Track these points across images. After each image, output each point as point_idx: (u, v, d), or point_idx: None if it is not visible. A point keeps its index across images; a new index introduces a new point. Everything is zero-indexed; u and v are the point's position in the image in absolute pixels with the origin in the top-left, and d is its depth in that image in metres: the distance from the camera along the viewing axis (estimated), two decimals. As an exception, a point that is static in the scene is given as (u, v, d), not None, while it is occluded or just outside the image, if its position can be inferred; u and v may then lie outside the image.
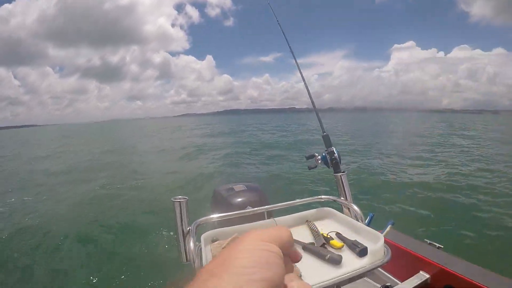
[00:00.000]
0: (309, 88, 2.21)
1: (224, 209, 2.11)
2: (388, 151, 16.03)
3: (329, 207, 1.67)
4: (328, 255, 1.19)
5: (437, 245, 2.17)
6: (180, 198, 1.41)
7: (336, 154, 1.87)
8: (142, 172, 12.41)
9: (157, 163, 14.74)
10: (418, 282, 2.04)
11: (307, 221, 1.59)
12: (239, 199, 2.15)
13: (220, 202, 2.24)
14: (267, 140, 23.48)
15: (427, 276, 2.06)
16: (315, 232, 1.43)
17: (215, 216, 1.55)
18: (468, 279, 1.82)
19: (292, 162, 13.60)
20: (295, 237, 1.38)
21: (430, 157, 14.38)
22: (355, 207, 1.58)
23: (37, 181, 12.19)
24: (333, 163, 1.86)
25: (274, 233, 0.45)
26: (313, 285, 1.00)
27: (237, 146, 20.16)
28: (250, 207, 1.97)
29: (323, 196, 1.71)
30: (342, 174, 1.80)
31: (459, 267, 1.94)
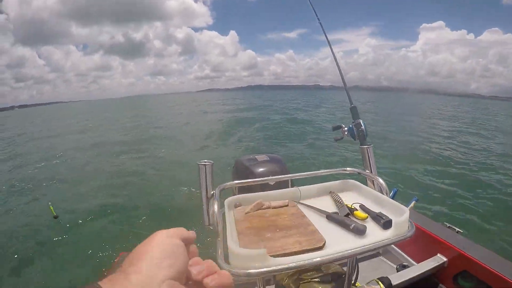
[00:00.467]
0: (338, 61, 2.15)
1: (245, 178, 2.11)
2: (418, 131, 15.70)
3: (353, 179, 1.65)
4: (353, 225, 1.17)
5: (457, 229, 2.13)
6: (205, 162, 1.41)
7: (363, 127, 1.83)
8: (168, 144, 12.60)
9: (182, 136, 14.88)
10: (435, 265, 2.02)
11: (330, 192, 1.57)
12: (261, 169, 2.15)
13: (242, 171, 2.24)
14: (292, 115, 23.24)
15: (445, 259, 2.03)
16: (338, 203, 1.42)
17: (239, 181, 1.56)
18: (486, 265, 1.79)
19: (316, 136, 13.52)
20: (318, 207, 1.38)
21: (463, 140, 14.03)
22: (380, 180, 1.55)
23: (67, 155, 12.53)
24: (360, 135, 1.83)
25: (177, 231, 0.59)
26: (337, 253, 1.00)
27: (262, 120, 20.08)
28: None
29: (347, 168, 1.68)
30: (368, 147, 1.77)
31: (478, 253, 1.90)
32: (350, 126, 1.87)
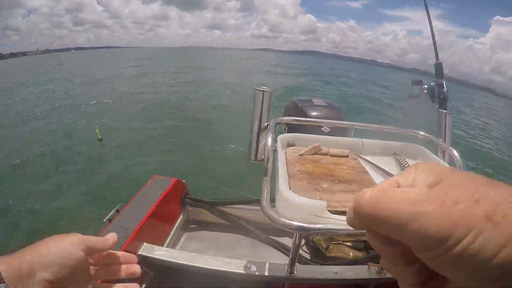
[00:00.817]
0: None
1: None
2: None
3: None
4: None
5: None
6: (263, 88, 1.23)
7: (445, 88, 1.58)
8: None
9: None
10: None
11: (395, 153, 1.38)
12: (316, 113, 1.93)
13: (294, 110, 2.04)
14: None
15: None
16: (404, 168, 1.23)
17: (296, 118, 1.37)
18: None
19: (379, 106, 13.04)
20: (382, 166, 1.20)
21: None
22: (455, 152, 1.33)
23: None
24: (440, 98, 1.57)
25: (85, 239, 0.64)
26: None
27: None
28: (326, 126, 1.78)
29: (420, 132, 1.46)
30: (448, 113, 1.52)
31: None
32: (432, 84, 1.62)
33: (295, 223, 0.75)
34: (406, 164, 1.25)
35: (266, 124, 1.24)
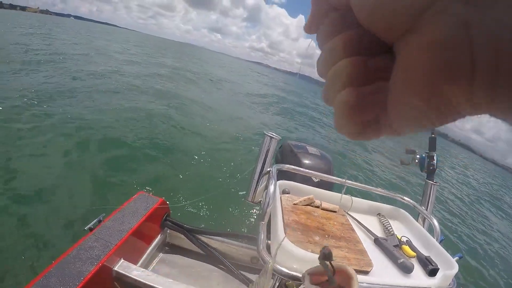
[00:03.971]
0: None
1: (290, 164, 2.02)
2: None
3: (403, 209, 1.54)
4: (402, 260, 1.09)
5: None
6: (272, 134, 1.32)
7: (435, 161, 1.70)
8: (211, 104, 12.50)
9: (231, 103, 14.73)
10: None
11: (379, 214, 1.48)
12: (308, 161, 2.04)
13: (289, 155, 2.13)
14: None
15: None
16: (387, 230, 1.32)
17: (297, 168, 1.46)
18: None
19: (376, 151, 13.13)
20: (366, 225, 1.29)
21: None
22: (435, 222, 1.44)
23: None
24: (429, 169, 1.70)
25: None
26: (383, 285, 0.92)
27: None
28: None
29: (405, 198, 1.57)
30: (434, 184, 1.64)
31: None
32: (423, 155, 1.75)
33: (291, 272, 0.84)
34: (389, 226, 1.34)
35: (268, 169, 1.33)
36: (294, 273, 0.84)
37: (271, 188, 1.13)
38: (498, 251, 7.43)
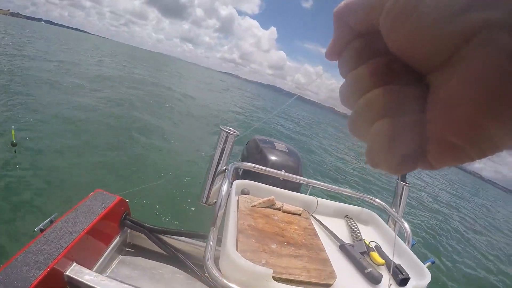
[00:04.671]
0: None
1: (256, 160, 1.89)
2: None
3: (373, 211, 1.44)
4: (369, 270, 0.98)
5: None
6: (229, 130, 1.19)
7: None
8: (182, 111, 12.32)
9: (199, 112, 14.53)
10: None
11: (346, 216, 1.37)
12: (275, 158, 1.91)
13: (254, 151, 2.01)
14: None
15: None
16: (354, 234, 1.22)
17: (257, 166, 1.33)
18: None
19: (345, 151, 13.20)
20: (331, 229, 1.18)
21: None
22: (406, 225, 1.35)
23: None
24: None
25: None
26: None
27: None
28: (284, 171, 1.76)
29: (376, 199, 1.47)
30: (406, 185, 1.55)
31: None
32: None
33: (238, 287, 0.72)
34: (357, 230, 1.24)
35: (224, 168, 1.20)
36: None
37: (224, 188, 1.00)
38: (469, 253, 7.59)
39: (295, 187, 1.73)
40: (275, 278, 0.76)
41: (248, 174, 1.41)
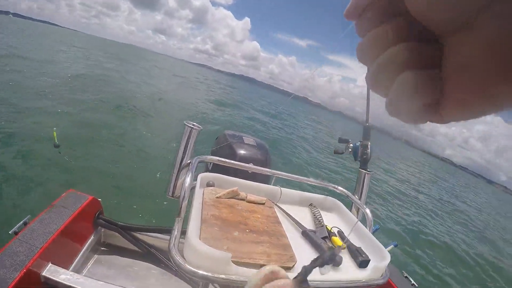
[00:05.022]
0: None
1: (225, 154, 1.93)
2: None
3: (337, 199, 1.50)
4: (330, 253, 1.02)
5: (412, 281, 2.04)
6: (193, 125, 1.22)
7: (369, 150, 1.68)
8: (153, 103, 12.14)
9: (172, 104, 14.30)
10: None
11: (311, 204, 1.42)
12: (244, 152, 1.96)
13: (224, 146, 2.05)
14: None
15: None
16: (317, 221, 1.27)
17: (221, 159, 1.36)
18: None
19: (313, 144, 13.30)
20: (295, 217, 1.22)
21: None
22: (368, 211, 1.41)
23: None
24: (363, 158, 1.67)
25: None
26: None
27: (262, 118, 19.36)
28: (252, 164, 1.80)
29: (339, 187, 1.53)
30: (367, 173, 1.62)
31: None
32: (357, 144, 1.72)
33: (200, 272, 0.77)
34: (320, 217, 1.29)
35: (188, 161, 1.23)
36: (205, 273, 0.77)
37: (187, 180, 1.03)
38: (434, 236, 7.84)
39: (264, 179, 1.77)
40: (235, 262, 0.81)
41: (217, 168, 1.44)
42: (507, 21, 0.16)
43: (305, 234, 1.13)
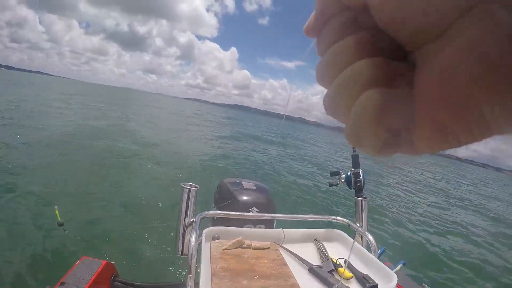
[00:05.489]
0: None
1: (228, 203, 2.00)
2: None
3: (340, 230, 1.55)
4: (336, 285, 1.08)
5: None
6: (190, 185, 1.30)
7: (361, 177, 1.76)
8: (148, 149, 12.15)
9: (168, 146, 14.37)
10: None
11: (315, 239, 1.48)
12: (246, 197, 2.03)
13: (225, 195, 2.12)
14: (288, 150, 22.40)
15: None
16: (323, 255, 1.32)
17: (222, 212, 1.44)
18: None
19: (309, 173, 13.24)
20: (301, 255, 1.28)
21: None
22: (370, 237, 1.46)
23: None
24: (357, 186, 1.75)
25: None
26: None
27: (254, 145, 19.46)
28: (255, 208, 1.87)
29: (338, 218, 1.59)
30: (364, 200, 1.69)
31: None
32: (348, 173, 1.80)
33: None
34: (324, 250, 1.34)
35: (191, 220, 1.30)
36: None
37: (193, 239, 1.10)
38: (443, 249, 7.65)
39: (268, 222, 1.83)
40: None
41: (221, 219, 1.51)
42: (491, 24, 0.15)
43: (312, 270, 1.19)
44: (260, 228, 1.58)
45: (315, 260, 1.28)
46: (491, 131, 0.16)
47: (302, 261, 1.25)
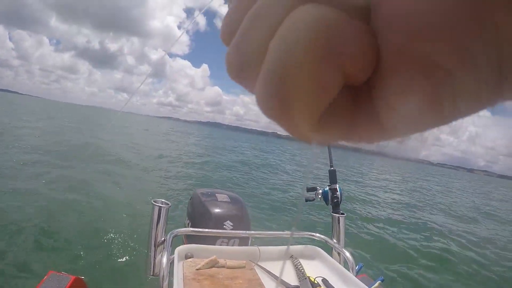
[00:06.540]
0: None
1: (201, 216, 1.92)
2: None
3: (317, 246, 1.52)
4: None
5: None
6: (161, 203, 1.24)
7: (338, 193, 1.73)
8: (118, 167, 11.87)
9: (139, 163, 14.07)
10: None
11: (292, 256, 1.43)
12: (219, 210, 1.95)
13: (198, 207, 2.03)
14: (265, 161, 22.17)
15: None
16: (300, 273, 1.28)
17: (195, 229, 1.37)
18: None
19: (285, 186, 13.18)
20: (277, 274, 1.24)
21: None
22: (348, 254, 1.43)
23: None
24: (333, 202, 1.72)
25: None
26: None
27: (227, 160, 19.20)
28: (229, 222, 1.81)
29: (316, 234, 1.56)
30: (341, 216, 1.66)
31: None
32: (325, 189, 1.77)
33: None
34: (301, 269, 1.30)
35: (163, 238, 1.24)
36: None
37: (164, 259, 1.04)
38: (423, 264, 7.74)
39: (243, 236, 1.78)
40: None
41: (194, 236, 1.44)
42: None
43: (289, 291, 1.14)
44: (234, 243, 1.52)
45: (292, 279, 1.24)
46: (481, 99, 0.11)
47: (280, 281, 1.21)
